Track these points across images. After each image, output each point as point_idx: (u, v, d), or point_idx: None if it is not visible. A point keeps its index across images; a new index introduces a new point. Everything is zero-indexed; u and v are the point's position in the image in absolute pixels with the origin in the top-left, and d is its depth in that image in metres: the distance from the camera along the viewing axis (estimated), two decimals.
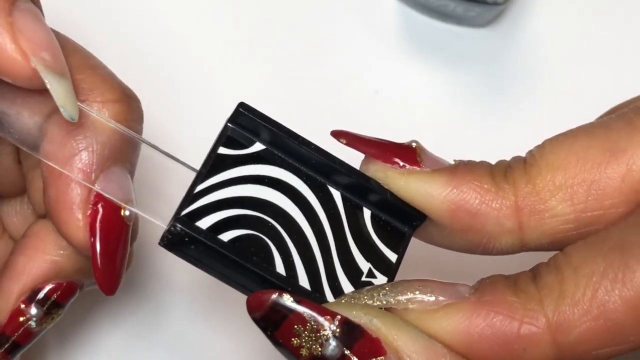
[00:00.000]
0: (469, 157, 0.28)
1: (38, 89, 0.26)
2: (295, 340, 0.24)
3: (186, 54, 0.40)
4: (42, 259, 0.29)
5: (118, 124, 0.28)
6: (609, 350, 0.24)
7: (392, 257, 0.27)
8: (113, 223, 0.28)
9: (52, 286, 0.29)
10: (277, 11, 0.40)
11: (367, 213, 0.27)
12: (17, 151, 0.30)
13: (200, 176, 0.26)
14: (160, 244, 0.25)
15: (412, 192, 0.26)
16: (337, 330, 0.24)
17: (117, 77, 0.29)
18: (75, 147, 0.27)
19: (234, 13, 0.40)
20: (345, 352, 0.24)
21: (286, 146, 0.27)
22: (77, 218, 0.27)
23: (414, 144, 0.27)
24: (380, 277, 0.27)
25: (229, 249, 0.25)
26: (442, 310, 0.25)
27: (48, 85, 0.26)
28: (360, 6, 0.40)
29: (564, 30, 0.40)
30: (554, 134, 0.27)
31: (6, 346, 0.29)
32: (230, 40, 0.40)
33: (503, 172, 0.26)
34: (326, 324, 0.24)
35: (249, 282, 0.25)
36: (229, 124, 0.27)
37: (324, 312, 0.24)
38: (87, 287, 0.30)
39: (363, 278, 0.26)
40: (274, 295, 0.24)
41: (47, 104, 0.27)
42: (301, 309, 0.24)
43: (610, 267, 0.24)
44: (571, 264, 0.25)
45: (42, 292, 0.29)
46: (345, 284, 0.26)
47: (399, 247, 0.27)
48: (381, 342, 0.24)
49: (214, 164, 0.26)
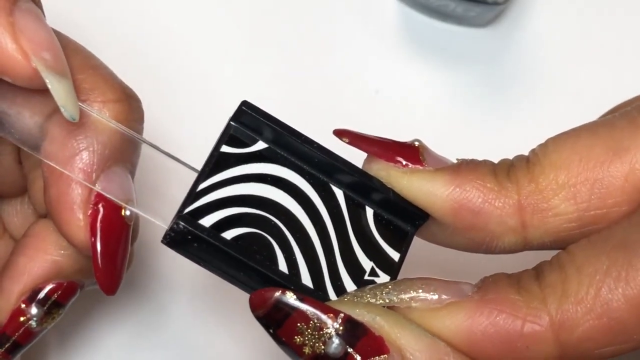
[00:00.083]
0: (469, 157, 0.28)
1: (39, 88, 0.26)
2: (298, 339, 0.24)
3: (187, 54, 0.40)
4: (42, 259, 0.29)
5: (119, 124, 0.28)
6: (612, 348, 0.24)
7: (395, 256, 0.27)
8: (114, 223, 0.28)
9: (52, 286, 0.29)
10: (277, 11, 0.40)
11: (369, 212, 0.27)
12: (18, 151, 0.30)
13: (203, 174, 0.26)
14: (163, 242, 0.25)
15: (414, 191, 0.26)
16: (340, 328, 0.24)
17: (117, 77, 0.29)
18: (76, 147, 0.27)
19: (235, 13, 0.40)
20: (348, 350, 0.24)
21: (289, 145, 0.27)
22: (77, 218, 0.27)
23: (416, 143, 0.27)
24: (382, 275, 0.26)
25: (231, 247, 0.25)
26: (445, 309, 0.25)
27: (49, 85, 0.26)
28: (360, 6, 0.40)
29: (564, 30, 0.40)
30: (554, 134, 0.27)
31: (7, 346, 0.29)
32: (230, 40, 0.40)
33: (506, 171, 0.26)
34: (329, 322, 0.24)
35: (252, 280, 0.25)
36: (231, 123, 0.27)
37: (327, 310, 0.24)
38: (88, 287, 0.30)
39: (366, 277, 0.26)
40: (277, 293, 0.24)
41: (48, 104, 0.27)
42: (304, 306, 0.24)
43: (614, 266, 0.24)
44: (574, 262, 0.25)
45: (43, 292, 0.29)
46: (347, 282, 0.26)
47: (402, 246, 0.27)
48: (384, 340, 0.24)
49: (216, 162, 0.26)
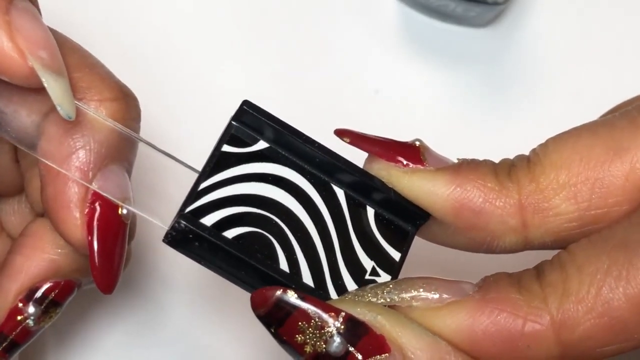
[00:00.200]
0: (470, 157, 0.27)
1: (35, 87, 0.26)
2: (299, 337, 0.24)
3: (185, 53, 0.40)
4: (40, 258, 0.29)
5: (115, 122, 0.28)
6: (613, 347, 0.24)
7: (396, 255, 0.27)
8: (110, 221, 0.27)
9: (50, 285, 0.29)
10: (277, 11, 0.40)
11: (370, 211, 0.27)
12: (15, 150, 0.30)
13: (204, 174, 0.26)
14: (164, 241, 0.25)
15: (415, 190, 0.26)
16: (342, 327, 0.24)
17: (114, 75, 0.29)
18: (73, 145, 0.27)
19: (234, 13, 0.40)
20: (350, 349, 0.24)
21: (290, 144, 0.27)
22: (74, 217, 0.27)
23: (417, 143, 0.27)
24: (383, 275, 0.26)
25: (233, 246, 0.25)
26: (446, 308, 0.25)
27: (45, 84, 0.26)
28: (360, 6, 0.40)
29: (564, 30, 0.40)
30: (554, 134, 0.27)
31: (4, 345, 0.29)
32: (230, 40, 0.40)
33: (507, 171, 0.26)
34: (330, 321, 0.24)
35: (253, 279, 0.25)
36: (233, 122, 0.27)
37: (328, 309, 0.24)
38: (85, 286, 0.30)
39: (366, 276, 0.26)
40: (278, 292, 0.24)
41: (44, 103, 0.27)
42: (305, 305, 0.24)
43: (615, 265, 0.24)
44: (575, 261, 0.24)
45: (40, 291, 0.29)
46: (348, 282, 0.26)
47: (403, 245, 0.27)
48: (385, 339, 0.24)
49: (217, 161, 0.26)
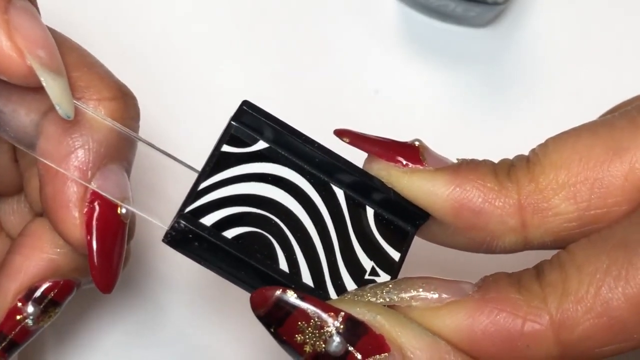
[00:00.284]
0: (469, 157, 0.27)
1: (34, 86, 0.26)
2: (298, 337, 0.24)
3: (184, 52, 0.40)
4: (39, 258, 0.29)
5: (114, 121, 0.28)
6: (612, 347, 0.24)
7: (395, 255, 0.27)
8: (110, 221, 0.27)
9: (49, 284, 0.29)
10: (277, 11, 0.40)
11: (370, 212, 0.27)
12: (14, 149, 0.30)
13: (204, 174, 0.26)
14: (164, 241, 0.25)
15: (415, 190, 0.26)
16: (341, 326, 0.24)
17: (113, 74, 0.29)
18: (72, 145, 0.27)
19: (234, 13, 0.40)
20: (349, 348, 0.24)
21: (290, 144, 0.27)
22: (73, 216, 0.27)
23: (417, 143, 0.27)
24: (383, 275, 0.26)
25: (232, 246, 0.25)
26: (446, 308, 0.25)
27: (44, 83, 0.26)
28: (360, 6, 0.40)
29: (564, 30, 0.40)
30: (554, 134, 0.27)
31: (3, 344, 0.29)
32: (229, 40, 0.40)
33: (506, 171, 0.26)
34: (330, 321, 0.24)
35: (252, 279, 0.25)
36: (232, 122, 0.27)
37: (327, 308, 0.24)
38: (84, 286, 0.30)
39: (366, 276, 0.26)
40: (277, 292, 0.24)
41: (43, 102, 0.27)
42: (305, 305, 0.24)
43: (614, 265, 0.24)
44: (575, 261, 0.24)
45: (39, 291, 0.29)
46: (348, 282, 0.26)
47: (402, 245, 0.27)
48: (385, 338, 0.24)
49: (217, 161, 0.26)
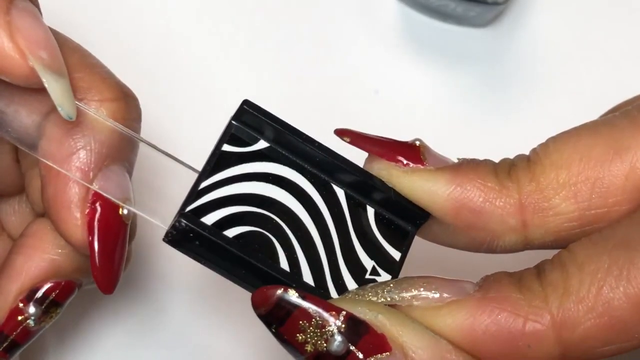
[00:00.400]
0: (470, 157, 0.27)
1: (36, 87, 0.26)
2: (300, 336, 0.24)
3: (185, 53, 0.40)
4: (40, 258, 0.29)
5: (116, 122, 0.28)
6: (613, 347, 0.24)
7: (396, 255, 0.27)
8: (111, 222, 0.27)
9: (50, 285, 0.29)
10: (277, 11, 0.40)
11: (370, 211, 0.27)
12: (16, 150, 0.30)
13: (205, 173, 0.26)
14: (164, 240, 0.25)
15: (415, 190, 0.26)
16: (343, 326, 0.24)
17: (115, 75, 0.29)
18: (73, 145, 0.27)
19: (234, 13, 0.40)
20: (350, 347, 0.24)
21: (290, 144, 0.27)
22: (75, 217, 0.27)
23: (417, 143, 0.27)
24: (384, 274, 0.26)
25: (233, 245, 0.25)
26: (447, 307, 0.25)
27: (46, 84, 0.26)
28: (360, 6, 0.40)
29: (564, 30, 0.40)
30: (554, 134, 0.27)
31: (5, 345, 0.29)
32: (230, 40, 0.40)
33: (507, 170, 0.26)
34: (331, 320, 0.24)
35: (253, 278, 0.25)
36: (233, 122, 0.27)
37: (329, 307, 0.24)
38: (86, 286, 0.30)
39: (367, 276, 0.26)
40: (279, 291, 0.24)
41: (45, 103, 0.27)
42: (306, 304, 0.24)
43: (615, 264, 0.24)
44: (576, 261, 0.24)
45: (41, 291, 0.29)
46: (349, 281, 0.26)
47: (403, 245, 0.27)
48: (386, 338, 0.24)
49: (218, 161, 0.26)
